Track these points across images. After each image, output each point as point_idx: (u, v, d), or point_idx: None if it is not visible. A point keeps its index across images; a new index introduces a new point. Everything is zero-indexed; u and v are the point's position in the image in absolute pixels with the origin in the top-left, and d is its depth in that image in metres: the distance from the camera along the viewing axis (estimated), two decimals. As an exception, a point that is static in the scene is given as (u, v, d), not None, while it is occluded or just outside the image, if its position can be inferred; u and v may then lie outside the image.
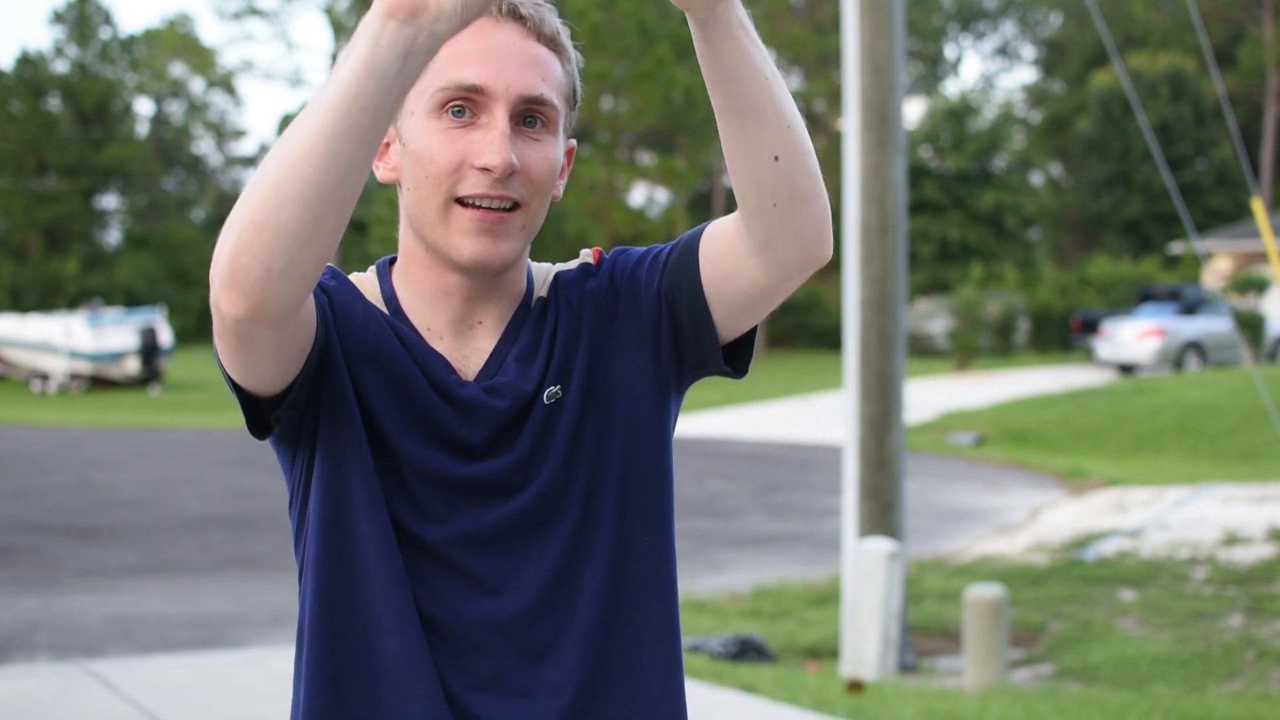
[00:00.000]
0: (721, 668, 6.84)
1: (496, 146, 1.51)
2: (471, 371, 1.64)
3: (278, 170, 1.34)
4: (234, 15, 46.30)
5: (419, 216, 1.57)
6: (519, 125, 1.55)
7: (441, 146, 1.53)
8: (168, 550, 10.88)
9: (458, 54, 1.52)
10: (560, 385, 1.64)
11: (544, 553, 1.61)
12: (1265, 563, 9.82)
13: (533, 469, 1.62)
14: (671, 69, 34.85)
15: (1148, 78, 43.70)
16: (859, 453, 7.71)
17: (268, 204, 1.34)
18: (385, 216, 35.65)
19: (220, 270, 1.38)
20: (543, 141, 1.56)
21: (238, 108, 65.98)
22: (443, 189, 1.54)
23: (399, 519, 1.59)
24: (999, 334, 35.44)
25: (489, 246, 1.55)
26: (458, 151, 1.53)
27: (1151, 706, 6.00)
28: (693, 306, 1.62)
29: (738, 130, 1.48)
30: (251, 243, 1.35)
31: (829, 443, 16.48)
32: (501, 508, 1.61)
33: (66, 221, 48.98)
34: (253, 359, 1.48)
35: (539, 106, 1.55)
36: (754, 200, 1.51)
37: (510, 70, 1.53)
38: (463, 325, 1.64)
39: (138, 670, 6.47)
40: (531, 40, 1.56)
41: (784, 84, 1.52)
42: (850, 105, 7.77)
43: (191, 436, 20.17)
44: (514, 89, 1.53)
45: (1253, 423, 17.39)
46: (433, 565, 1.59)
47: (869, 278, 7.71)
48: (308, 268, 1.38)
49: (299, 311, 1.44)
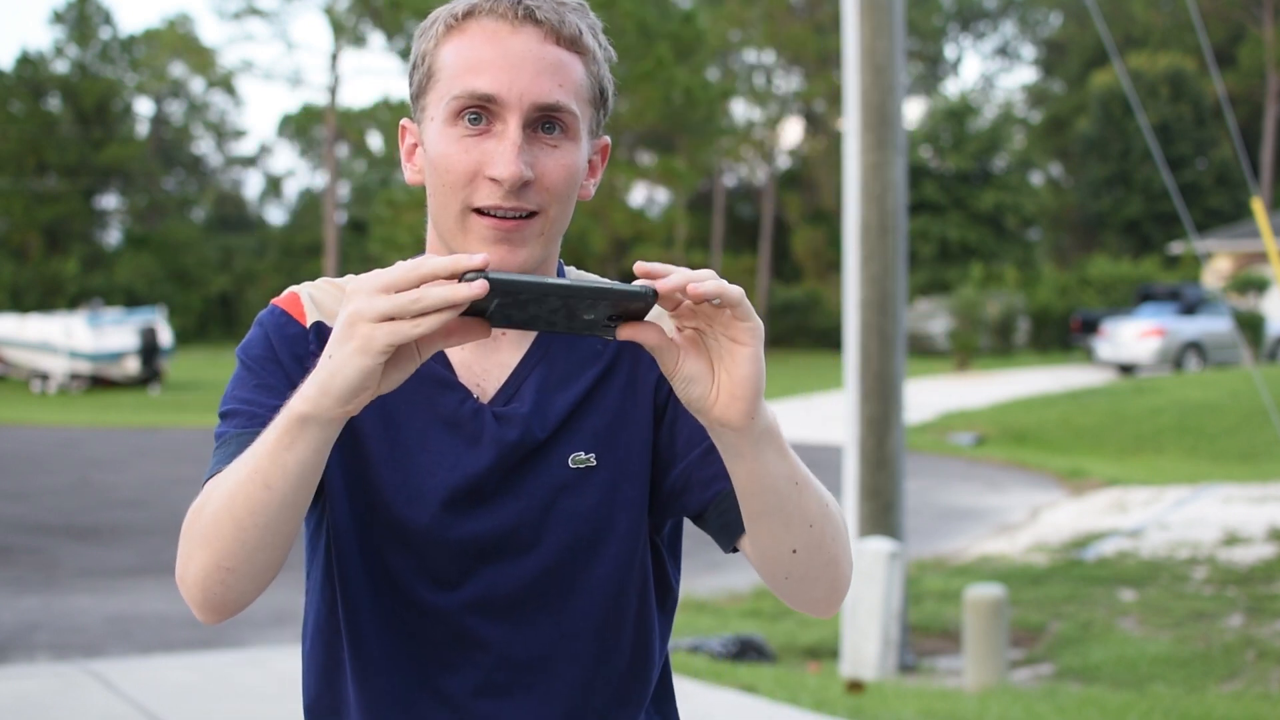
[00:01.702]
0: (721, 668, 6.84)
1: (507, 158, 1.48)
2: (490, 390, 1.58)
3: (238, 520, 1.38)
4: (234, 15, 46.27)
5: (441, 222, 1.55)
6: (537, 132, 1.51)
7: (457, 155, 1.50)
8: (168, 550, 10.86)
9: (472, 61, 1.49)
10: (595, 453, 1.58)
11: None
12: (1265, 563, 9.82)
13: (542, 532, 1.56)
14: (671, 69, 34.85)
15: (1148, 78, 43.70)
16: (859, 453, 7.71)
17: (234, 552, 1.39)
18: (385, 216, 35.68)
19: (193, 596, 1.44)
20: (561, 148, 1.52)
21: (238, 108, 65.98)
22: (459, 198, 1.51)
23: (400, 582, 1.56)
24: (999, 334, 35.45)
25: (505, 254, 1.50)
26: (473, 160, 1.50)
27: (1151, 706, 6.00)
28: (670, 510, 1.62)
29: (759, 526, 1.47)
30: (224, 579, 1.41)
31: (829, 443, 16.48)
32: (516, 566, 1.57)
33: (66, 221, 48.98)
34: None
35: (555, 113, 1.50)
36: (768, 572, 1.52)
37: (524, 78, 1.49)
38: (487, 341, 1.57)
39: (138, 670, 6.47)
40: (550, 44, 1.51)
41: (812, 483, 1.47)
42: (850, 105, 7.77)
43: (191, 436, 20.16)
44: (527, 97, 1.49)
45: (1253, 423, 17.39)
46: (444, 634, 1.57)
47: (869, 278, 7.70)
48: (277, 570, 1.44)
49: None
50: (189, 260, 50.30)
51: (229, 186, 61.92)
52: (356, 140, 55.83)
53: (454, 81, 1.50)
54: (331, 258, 43.80)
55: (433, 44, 1.53)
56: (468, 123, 1.49)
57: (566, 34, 1.51)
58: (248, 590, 1.43)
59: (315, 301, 1.58)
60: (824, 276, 46.49)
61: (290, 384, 1.50)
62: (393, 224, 35.27)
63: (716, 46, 43.90)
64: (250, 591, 1.43)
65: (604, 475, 1.57)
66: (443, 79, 1.51)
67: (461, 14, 1.51)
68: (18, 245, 47.78)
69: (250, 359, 1.56)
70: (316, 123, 53.01)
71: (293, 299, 1.59)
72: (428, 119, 1.53)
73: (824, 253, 46.84)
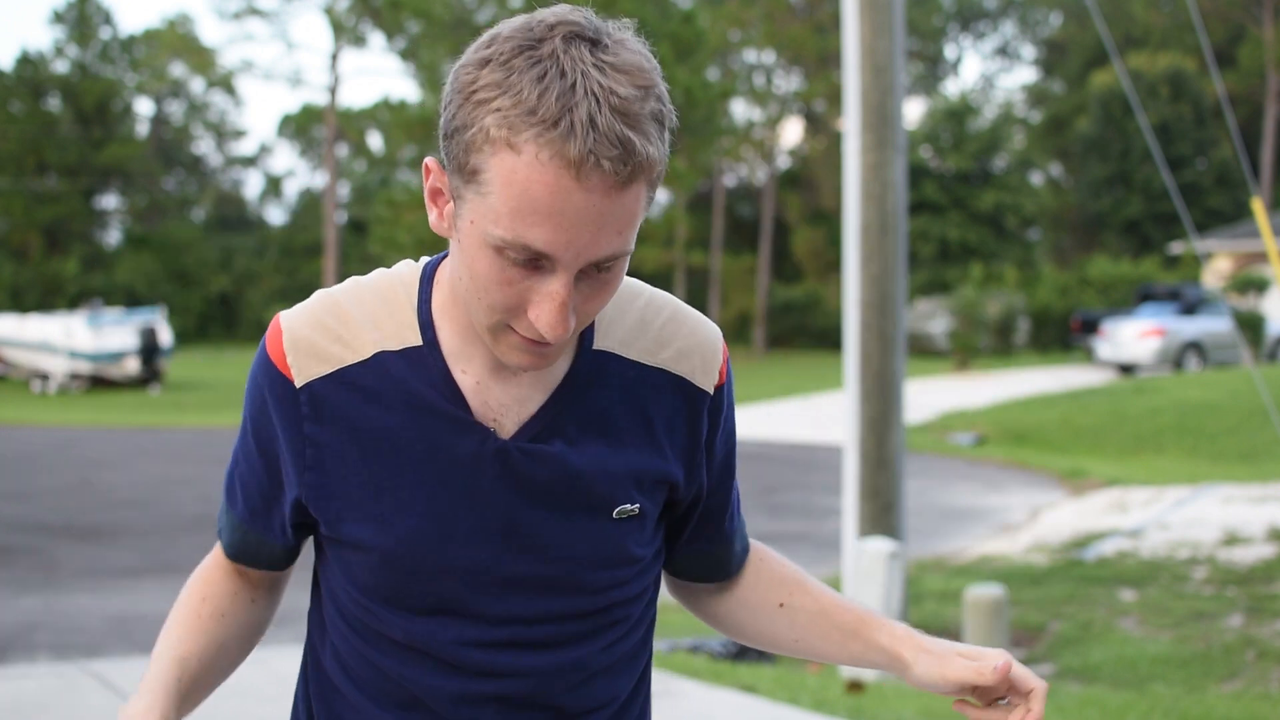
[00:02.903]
0: (721, 668, 6.84)
1: (552, 320, 1.34)
2: (509, 425, 1.48)
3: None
4: (234, 15, 46.30)
5: (473, 314, 1.41)
6: (589, 271, 1.36)
7: (499, 287, 1.35)
8: (168, 550, 10.88)
9: (527, 205, 1.29)
10: (639, 503, 1.53)
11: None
12: (1265, 563, 9.82)
13: (582, 580, 1.54)
14: (671, 69, 34.85)
15: (1148, 78, 43.71)
16: (859, 453, 7.71)
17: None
18: (385, 216, 35.66)
19: None
20: (613, 272, 1.38)
21: (238, 108, 66.01)
22: (495, 316, 1.38)
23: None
24: (999, 334, 35.46)
25: (538, 362, 1.42)
26: (515, 295, 1.35)
27: (1151, 706, 6.00)
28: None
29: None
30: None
31: (829, 443, 16.48)
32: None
33: (66, 221, 49.01)
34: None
35: (612, 260, 1.36)
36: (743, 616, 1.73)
37: (584, 238, 1.31)
38: (504, 370, 1.48)
39: (138, 670, 6.46)
40: (615, 193, 1.31)
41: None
42: (850, 105, 7.77)
43: (191, 436, 20.16)
44: (584, 256, 1.33)
45: (1253, 423, 17.40)
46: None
47: (869, 278, 7.71)
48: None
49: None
50: (189, 260, 50.32)
51: (229, 186, 61.95)
52: (356, 140, 55.86)
53: (502, 215, 1.31)
54: (331, 258, 43.78)
55: (478, 135, 1.31)
56: (512, 262, 1.33)
57: (635, 167, 1.31)
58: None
59: (299, 348, 1.49)
60: (824, 276, 46.50)
61: (286, 444, 1.50)
62: (393, 224, 35.24)
63: (716, 46, 43.88)
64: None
65: (645, 521, 1.55)
66: (488, 191, 1.31)
67: (519, 128, 1.28)
68: (18, 245, 47.80)
69: (249, 416, 1.55)
70: (316, 123, 53.05)
71: (278, 346, 1.50)
72: (465, 209, 1.35)
73: (824, 253, 46.85)
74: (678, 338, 1.55)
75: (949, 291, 38.76)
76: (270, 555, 1.61)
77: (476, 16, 44.80)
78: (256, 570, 1.63)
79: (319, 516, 1.52)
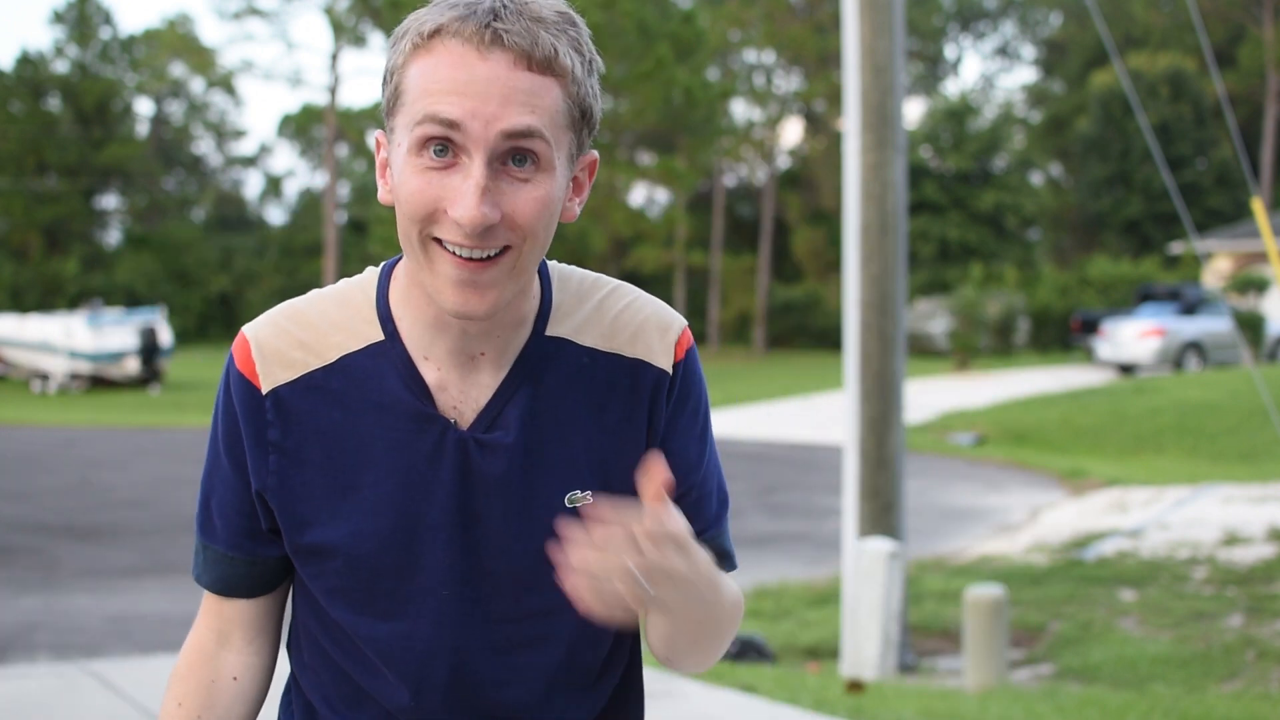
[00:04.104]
0: (721, 668, 6.84)
1: (469, 201, 1.37)
2: (469, 415, 1.50)
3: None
4: (234, 15, 46.26)
5: (405, 249, 1.46)
6: (506, 165, 1.40)
7: (419, 189, 1.40)
8: (168, 550, 10.88)
9: (437, 83, 1.39)
10: (590, 489, 1.51)
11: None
12: (1265, 563, 9.82)
13: (540, 573, 1.50)
14: (671, 69, 34.85)
15: (1148, 78, 43.70)
16: (859, 453, 7.71)
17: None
18: (385, 216, 35.65)
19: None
20: (533, 181, 1.40)
21: (238, 108, 65.97)
22: (419, 228, 1.41)
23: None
24: (999, 334, 35.46)
25: (473, 298, 1.41)
26: (434, 195, 1.39)
27: (1151, 706, 6.00)
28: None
29: (662, 633, 1.51)
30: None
31: (829, 443, 16.48)
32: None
33: (66, 221, 49.01)
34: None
35: (526, 142, 1.39)
36: (654, 640, 1.54)
37: (490, 106, 1.37)
38: (463, 356, 1.50)
39: (138, 670, 6.46)
40: (520, 70, 1.38)
41: (722, 606, 1.50)
42: (850, 105, 7.77)
43: (191, 436, 20.16)
44: (493, 126, 1.37)
45: (1253, 423, 17.39)
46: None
47: (869, 278, 7.70)
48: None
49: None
50: (189, 260, 50.32)
51: (229, 186, 61.94)
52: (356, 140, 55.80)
53: (416, 103, 1.39)
54: (331, 258, 43.78)
55: (400, 60, 1.42)
56: (433, 154, 1.39)
57: (540, 57, 1.39)
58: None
59: (265, 355, 1.51)
60: (824, 276, 46.50)
61: (251, 451, 1.50)
62: (393, 224, 35.12)
63: (716, 46, 43.89)
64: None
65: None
66: (408, 101, 1.41)
67: (428, 32, 1.40)
68: (18, 245, 47.80)
69: (221, 434, 1.54)
70: (316, 123, 53.01)
71: (245, 355, 1.52)
72: (395, 143, 1.43)
73: (824, 253, 46.84)
74: (633, 323, 1.54)
75: (949, 291, 38.76)
76: (264, 572, 1.57)
77: (476, 16, 44.78)
78: (250, 602, 1.59)
79: (282, 524, 1.51)
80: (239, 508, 1.54)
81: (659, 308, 1.57)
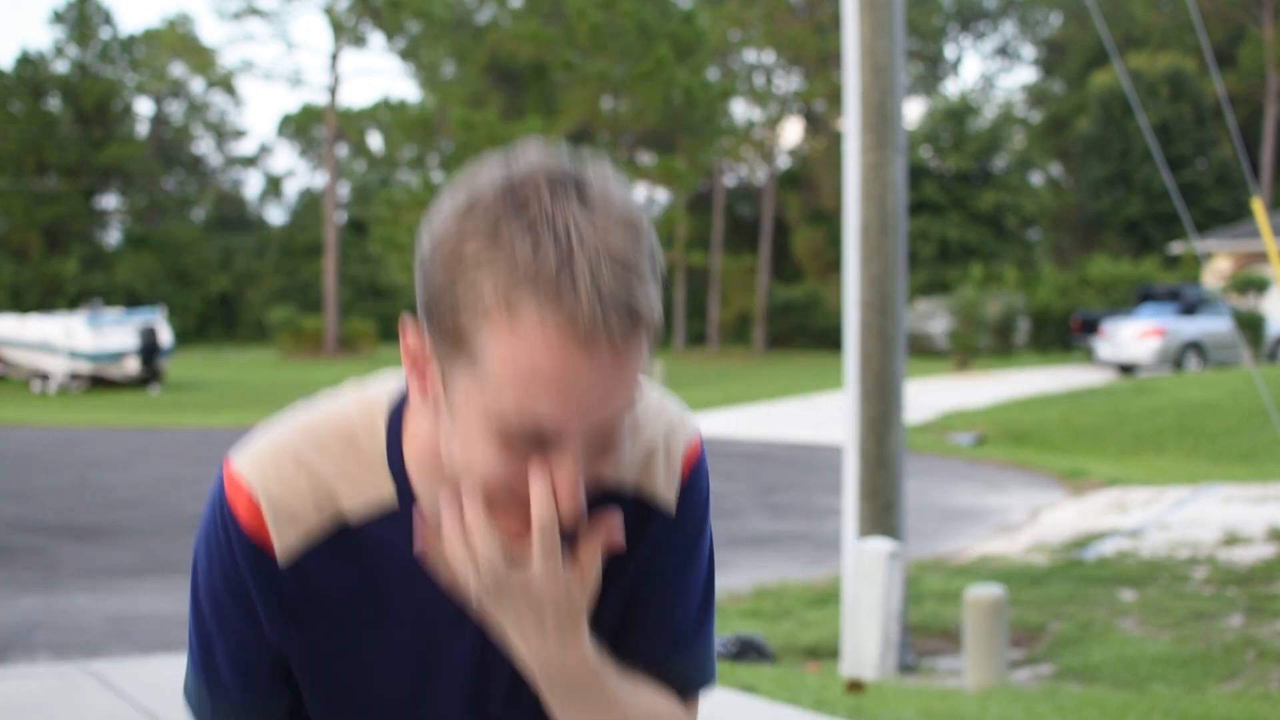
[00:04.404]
0: (721, 668, 6.84)
1: (568, 505, 1.23)
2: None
3: None
4: (234, 15, 46.28)
5: (443, 487, 1.31)
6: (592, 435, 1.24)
7: (500, 474, 1.24)
8: (168, 550, 10.88)
9: (534, 382, 1.18)
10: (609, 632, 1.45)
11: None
12: (1265, 563, 9.82)
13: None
14: (671, 69, 34.85)
15: (1148, 78, 43.72)
16: (859, 453, 7.71)
17: None
18: (385, 216, 35.66)
19: None
20: (617, 432, 1.25)
21: (238, 108, 65.98)
22: (485, 496, 1.27)
23: None
24: (999, 334, 35.47)
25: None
26: (511, 475, 1.23)
27: (1151, 706, 6.00)
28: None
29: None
30: None
31: (829, 443, 16.48)
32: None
33: (66, 221, 49.05)
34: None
35: (618, 418, 1.23)
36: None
37: (593, 408, 1.20)
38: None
39: (138, 670, 6.46)
40: (623, 357, 1.19)
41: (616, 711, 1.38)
42: (850, 105, 7.77)
43: (191, 436, 20.17)
44: (591, 418, 1.21)
45: (1253, 423, 17.40)
46: None
47: (869, 278, 7.70)
48: None
49: None
50: (189, 260, 50.38)
51: (229, 186, 61.98)
52: (356, 140, 55.85)
53: (506, 394, 1.19)
54: (331, 258, 43.77)
55: (466, 298, 1.19)
56: (519, 444, 1.22)
57: (640, 330, 1.20)
58: None
59: (277, 514, 1.34)
60: (824, 276, 46.51)
61: (268, 617, 1.36)
62: (393, 224, 35.24)
63: (716, 46, 43.89)
64: None
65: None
66: (485, 373, 1.20)
67: (516, 293, 1.17)
68: (18, 245, 47.83)
69: (215, 586, 1.36)
70: (316, 123, 53.05)
71: (253, 514, 1.34)
72: (459, 384, 1.22)
73: (824, 253, 46.86)
74: (638, 444, 1.41)
75: (949, 291, 38.77)
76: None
77: (476, 16, 44.82)
78: None
79: (298, 673, 1.42)
80: (249, 652, 1.39)
81: (662, 410, 1.46)
